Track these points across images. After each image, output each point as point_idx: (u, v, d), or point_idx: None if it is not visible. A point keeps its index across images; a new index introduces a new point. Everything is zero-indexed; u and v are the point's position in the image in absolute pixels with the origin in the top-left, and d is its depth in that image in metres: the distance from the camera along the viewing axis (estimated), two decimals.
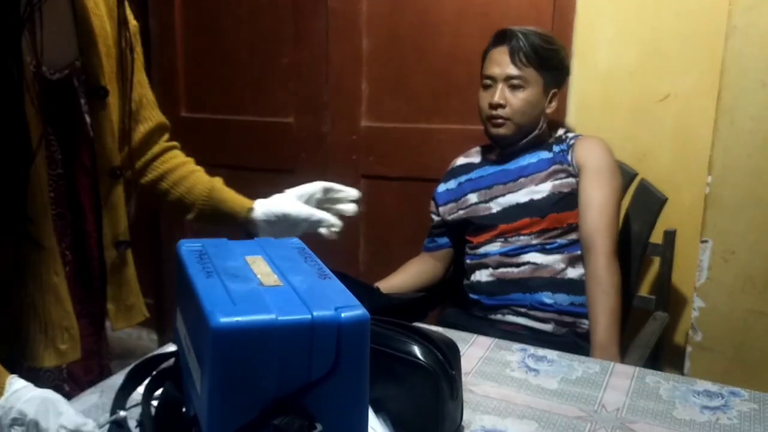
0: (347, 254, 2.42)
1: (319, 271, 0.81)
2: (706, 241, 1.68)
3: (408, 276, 1.90)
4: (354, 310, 0.71)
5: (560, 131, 1.80)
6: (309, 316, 0.68)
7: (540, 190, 1.70)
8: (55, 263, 1.03)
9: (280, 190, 2.47)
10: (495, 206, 1.75)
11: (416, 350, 0.89)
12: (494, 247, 1.74)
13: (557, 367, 1.13)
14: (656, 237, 1.79)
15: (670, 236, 1.78)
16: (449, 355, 0.90)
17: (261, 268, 0.79)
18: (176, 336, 0.86)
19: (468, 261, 1.81)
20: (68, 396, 1.04)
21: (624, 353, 1.57)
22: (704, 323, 1.71)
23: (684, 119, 1.87)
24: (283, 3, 2.35)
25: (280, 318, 0.67)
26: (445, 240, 1.90)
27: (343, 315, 0.70)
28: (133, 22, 1.15)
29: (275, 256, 0.83)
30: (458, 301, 1.85)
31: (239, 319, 0.66)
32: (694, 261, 1.72)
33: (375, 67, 2.27)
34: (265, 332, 0.66)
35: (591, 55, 1.92)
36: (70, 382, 1.14)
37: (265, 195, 2.56)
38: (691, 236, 1.76)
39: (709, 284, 1.69)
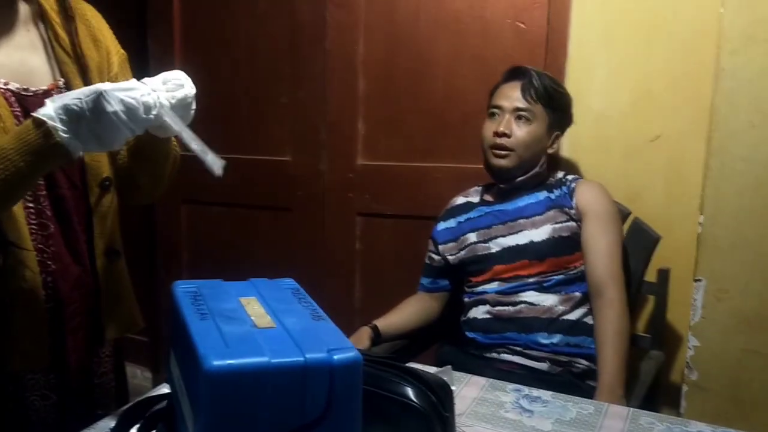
0: (343, 291, 2.42)
1: (312, 312, 0.82)
2: (699, 280, 1.69)
3: (406, 315, 1.89)
4: (346, 352, 0.72)
5: (560, 174, 1.82)
6: (302, 359, 0.69)
7: (539, 233, 1.70)
8: (24, 270, 1.04)
9: (278, 228, 2.50)
10: (494, 246, 1.75)
11: (409, 392, 0.89)
12: (492, 285, 1.74)
13: (551, 408, 1.13)
14: (650, 275, 1.80)
15: (664, 275, 1.79)
16: (443, 396, 0.91)
17: (255, 310, 0.80)
18: (170, 377, 0.86)
19: (466, 299, 1.81)
20: (54, 406, 1.05)
21: None
22: (699, 362, 1.71)
23: (675, 159, 1.90)
24: (281, 45, 2.40)
25: (273, 360, 0.68)
26: (445, 282, 1.91)
27: (335, 357, 0.71)
28: (120, 51, 1.20)
29: (269, 298, 0.84)
30: (454, 339, 1.84)
31: (232, 362, 0.67)
32: (688, 300, 1.72)
33: (371, 107, 2.31)
34: (258, 375, 0.67)
35: (583, 97, 1.96)
36: (58, 391, 1.14)
37: (263, 233, 2.58)
38: (685, 275, 1.77)
39: (703, 323, 1.69)
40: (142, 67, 2.22)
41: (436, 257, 1.90)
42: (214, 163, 0.98)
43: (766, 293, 1.63)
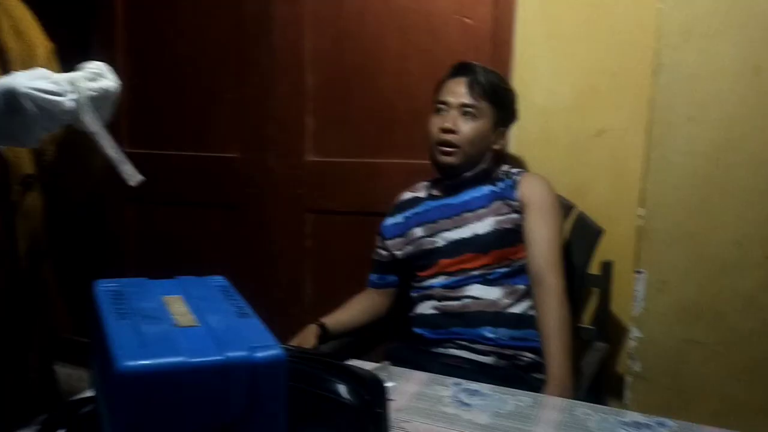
0: (294, 289, 2.40)
1: (238, 310, 0.80)
2: (640, 272, 1.71)
3: (354, 312, 1.89)
4: (270, 350, 0.70)
5: (504, 167, 1.83)
6: (222, 357, 0.68)
7: (483, 225, 1.72)
8: None
9: (226, 227, 2.46)
10: (440, 240, 1.76)
11: (341, 389, 0.88)
12: (438, 280, 1.74)
13: (490, 401, 1.13)
14: (594, 268, 1.83)
15: (607, 267, 1.82)
16: (375, 392, 0.90)
17: (178, 308, 0.78)
18: (93, 381, 0.84)
19: (413, 294, 1.81)
20: None
21: None
22: (642, 353, 1.74)
23: (618, 153, 1.93)
24: (226, 39, 2.36)
25: (190, 360, 0.66)
26: (393, 278, 1.90)
27: (258, 355, 0.69)
28: (46, 43, 1.15)
29: (195, 296, 0.82)
30: (403, 335, 1.84)
31: (146, 362, 0.65)
32: (630, 291, 1.75)
33: (319, 103, 2.29)
34: (174, 375, 0.65)
35: (529, 92, 1.97)
36: None
37: (211, 231, 2.54)
38: (628, 267, 1.79)
39: (644, 314, 1.72)
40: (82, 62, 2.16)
41: (383, 253, 1.89)
42: (131, 174, 0.94)
43: (705, 283, 1.67)
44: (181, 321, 0.74)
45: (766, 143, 1.57)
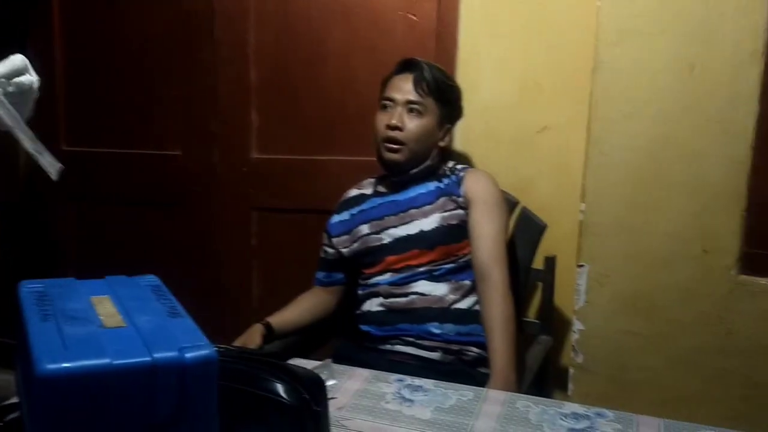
0: (240, 288, 2.37)
1: (170, 309, 0.78)
2: (582, 266, 1.74)
3: (301, 310, 1.87)
4: (200, 350, 0.69)
5: (450, 163, 1.84)
6: (149, 359, 0.66)
7: (429, 222, 1.72)
8: None
9: (170, 225, 2.41)
10: (386, 237, 1.75)
11: (279, 388, 0.87)
12: (384, 277, 1.74)
13: (432, 396, 1.13)
14: (538, 263, 1.85)
15: (550, 262, 1.84)
16: (314, 391, 0.89)
17: (106, 309, 0.76)
18: (17, 386, 0.80)
19: (360, 291, 1.80)
20: None
21: None
22: (584, 345, 1.77)
23: (560, 150, 1.96)
24: (168, 34, 2.31)
25: (115, 362, 0.64)
26: (340, 275, 1.89)
27: (187, 355, 0.67)
28: None
29: (124, 296, 0.80)
30: (350, 333, 1.83)
31: (69, 365, 0.62)
32: (572, 285, 1.78)
33: (264, 99, 2.26)
34: (98, 378, 0.63)
35: (473, 89, 1.98)
36: None
37: (155, 230, 2.49)
38: (570, 261, 1.82)
39: (587, 307, 1.75)
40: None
41: (330, 250, 1.88)
42: (51, 165, 0.91)
43: (644, 276, 1.71)
44: (108, 322, 0.72)
45: (701, 138, 1.62)
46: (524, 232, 1.86)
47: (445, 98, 1.77)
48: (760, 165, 1.59)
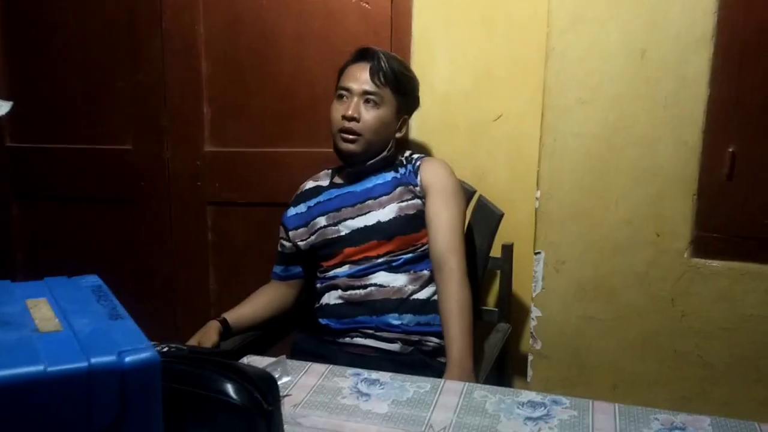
0: (196, 284, 2.32)
1: (111, 311, 0.75)
2: (539, 253, 1.75)
3: (258, 305, 1.84)
4: (140, 353, 0.66)
5: (406, 153, 1.82)
6: (85, 364, 0.63)
7: (386, 212, 1.70)
8: None
9: (122, 222, 2.35)
10: (344, 229, 1.73)
11: (228, 388, 0.84)
12: (343, 269, 1.72)
13: (389, 389, 1.12)
14: (496, 251, 1.85)
15: (508, 250, 1.85)
16: (265, 389, 0.86)
17: (42, 312, 0.72)
18: None
19: (318, 285, 1.78)
20: None
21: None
22: (542, 332, 1.78)
23: (516, 138, 1.96)
24: (115, 23, 2.24)
25: (49, 369, 0.61)
26: (297, 269, 1.86)
27: (127, 359, 0.64)
28: None
29: (62, 298, 0.76)
30: (310, 326, 1.81)
31: None
32: (530, 272, 1.79)
33: (216, 90, 2.21)
34: (30, 386, 0.60)
35: (428, 78, 1.97)
36: None
37: (107, 228, 2.42)
38: (527, 249, 1.83)
39: (544, 294, 1.76)
40: None
41: (287, 244, 1.85)
42: None
43: (600, 262, 1.72)
44: (44, 326, 0.68)
45: (653, 123, 1.63)
46: (481, 221, 1.86)
47: (402, 89, 1.75)
48: (711, 149, 1.61)
